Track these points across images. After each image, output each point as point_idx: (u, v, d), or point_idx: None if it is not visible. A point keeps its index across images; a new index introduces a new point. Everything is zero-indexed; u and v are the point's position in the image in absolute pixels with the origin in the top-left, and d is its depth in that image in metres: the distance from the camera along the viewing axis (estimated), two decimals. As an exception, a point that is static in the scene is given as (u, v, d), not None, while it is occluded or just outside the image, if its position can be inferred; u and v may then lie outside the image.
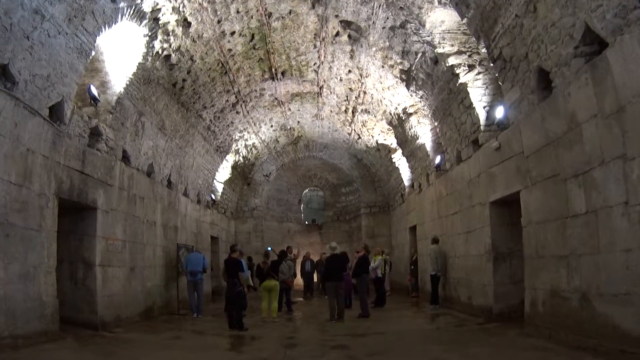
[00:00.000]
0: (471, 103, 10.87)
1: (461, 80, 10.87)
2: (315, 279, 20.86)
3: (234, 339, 10.05)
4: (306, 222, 27.87)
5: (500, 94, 10.20)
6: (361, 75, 14.78)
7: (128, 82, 10.68)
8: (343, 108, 17.97)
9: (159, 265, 13.45)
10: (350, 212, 26.12)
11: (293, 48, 13.75)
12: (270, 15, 11.85)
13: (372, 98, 16.13)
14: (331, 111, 18.63)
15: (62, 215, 9.50)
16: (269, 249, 17.01)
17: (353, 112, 17.99)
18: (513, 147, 9.07)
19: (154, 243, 13.20)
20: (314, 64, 14.79)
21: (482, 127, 10.77)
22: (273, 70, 14.87)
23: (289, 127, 20.79)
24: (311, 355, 7.99)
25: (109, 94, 10.56)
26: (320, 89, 16.58)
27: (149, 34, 10.24)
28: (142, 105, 11.71)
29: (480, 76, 10.74)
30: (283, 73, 15.27)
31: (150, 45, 10.60)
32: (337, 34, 12.74)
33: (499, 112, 10.41)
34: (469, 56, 10.68)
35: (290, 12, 11.85)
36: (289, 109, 18.50)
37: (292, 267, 15.39)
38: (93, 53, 9.05)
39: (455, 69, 10.86)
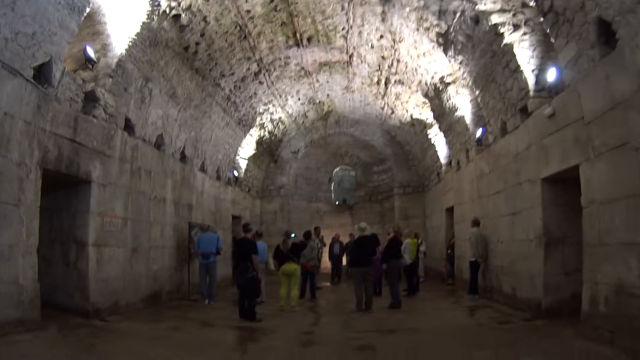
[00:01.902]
0: (518, 66, 9.53)
1: (506, 40, 9.52)
2: (344, 263, 19.58)
3: (242, 332, 8.96)
4: (336, 202, 26.82)
5: (550, 57, 9.01)
6: (394, 41, 13.36)
7: (131, 44, 9.65)
8: (375, 79, 16.57)
9: (168, 246, 12.43)
10: (383, 192, 24.90)
11: (319, 10, 12.37)
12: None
13: (406, 67, 14.71)
14: (362, 83, 17.23)
15: (54, 190, 8.98)
16: (293, 235, 15.68)
17: (386, 84, 16.59)
18: (570, 113, 7.73)
19: (163, 222, 12.17)
20: (342, 29, 13.39)
21: (531, 93, 9.41)
22: (298, 35, 13.52)
23: (317, 101, 19.48)
24: (330, 359, 6.79)
25: (109, 56, 9.55)
26: (349, 57, 15.18)
27: (153, -11, 9.13)
28: (148, 70, 10.66)
29: (527, 37, 9.38)
30: (309, 39, 13.91)
31: (156, 3, 9.51)
32: (367, -9, 11.34)
33: (551, 75, 9.04)
34: (513, 15, 9.30)
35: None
36: (317, 81, 17.15)
37: (315, 249, 14.16)
38: (87, 9, 8.19)
39: (499, 28, 9.51)
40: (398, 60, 14.47)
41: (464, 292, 13.20)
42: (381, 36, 13.38)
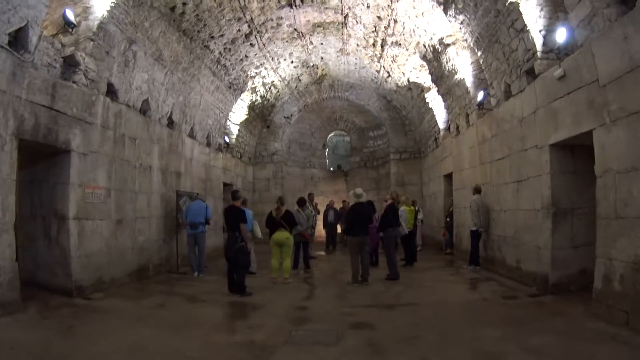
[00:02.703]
0: (524, 25, 8.92)
1: (512, -3, 8.88)
2: (339, 230, 19.19)
3: (231, 308, 8.54)
4: (331, 169, 26.31)
5: (558, 17, 8.47)
6: (391, 0, 12.65)
7: (113, 4, 9.00)
8: (371, 41, 15.89)
9: (155, 217, 11.91)
10: (379, 158, 24.42)
11: (312, -34, 11.69)
12: None
13: (403, 27, 14.04)
14: (358, 45, 16.54)
15: (34, 162, 8.63)
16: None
17: (382, 46, 15.91)
18: (583, 75, 7.17)
19: (149, 191, 11.63)
20: (337, -14, 12.71)
21: (538, 54, 8.84)
22: (290, -7, 12.84)
23: (311, 64, 18.77)
24: (323, 338, 6.34)
25: (90, 19, 8.91)
26: (344, 17, 14.49)
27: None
28: (132, 32, 10.02)
29: (533, -4, 8.77)
30: (302, -2, 13.21)
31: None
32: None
33: (561, 36, 8.42)
34: (520, -29, 8.72)
35: None
36: (311, 43, 16.44)
37: (311, 217, 13.69)
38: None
39: (504, -16, 8.88)
40: (395, 21, 13.80)
41: (463, 263, 12.83)
42: (378, -6, 12.72)
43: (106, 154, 9.64)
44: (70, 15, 8.54)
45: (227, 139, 18.67)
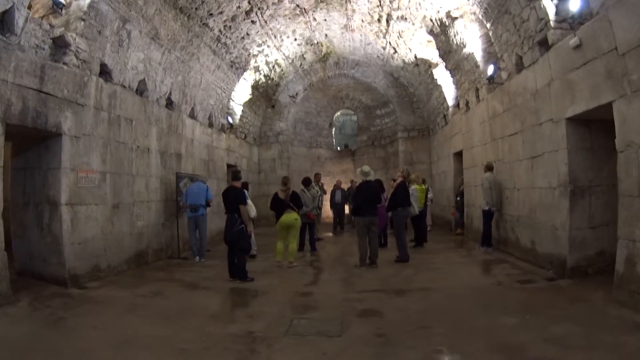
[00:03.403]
0: (536, -7, 8.37)
1: (522, -36, 8.36)
2: (346, 211, 18.68)
3: (231, 295, 8.21)
4: (338, 148, 25.95)
5: None
6: (396, -29, 12.16)
7: (104, -18, 8.53)
8: (376, 16, 15.35)
9: (154, 200, 11.55)
10: (386, 136, 23.92)
11: None
12: None
13: (409, 1, 13.50)
14: (362, 20, 16.00)
15: (27, 148, 8.39)
16: None
17: (387, 21, 15.36)
18: (600, 44, 6.69)
19: (148, 174, 11.26)
20: (340, -43, 12.19)
21: (551, 23, 8.30)
22: (291, -34, 12.33)
23: (315, 42, 18.24)
24: (327, 327, 5.96)
25: None
26: (348, -9, 13.93)
27: None
28: (125, 10, 9.56)
29: (545, -37, 8.24)
30: (304, -28, 12.71)
31: None
32: None
33: (574, 4, 7.89)
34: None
35: None
36: (314, 19, 15.92)
37: (317, 197, 13.29)
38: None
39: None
40: (401, -7, 13.25)
41: (474, 243, 12.44)
42: (383, -35, 12.20)
43: (100, 136, 9.26)
44: (59, -6, 8.16)
45: (230, 120, 18.21)
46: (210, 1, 11.98)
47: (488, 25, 10.83)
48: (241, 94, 18.43)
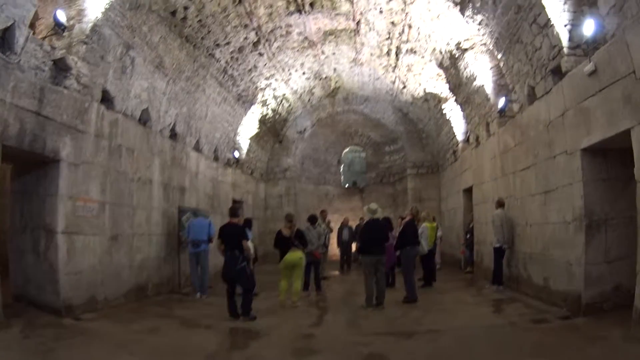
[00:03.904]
0: (548, 20, 8.16)
1: (533, -9, 8.16)
2: (353, 249, 18.24)
3: (230, 335, 7.82)
4: (346, 185, 25.62)
5: (582, 11, 7.70)
6: (405, 3, 12.07)
7: (108, 6, 8.49)
8: (385, 49, 15.24)
9: (155, 234, 11.26)
10: (395, 173, 23.69)
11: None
12: None
13: (418, 33, 13.37)
14: (371, 54, 15.89)
15: (26, 172, 8.29)
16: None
17: (397, 54, 15.25)
18: (617, 68, 6.44)
19: (149, 206, 11.00)
20: (347, -10, 12.09)
21: (565, 50, 8.04)
22: (299, -1, 12.22)
23: (324, 76, 18.14)
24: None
25: (84, 22, 8.43)
26: (357, 24, 13.86)
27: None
28: (129, 36, 9.49)
29: (557, -11, 8.06)
30: (311, 4, 12.62)
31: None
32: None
33: (588, 28, 7.56)
34: (541, -38, 8.03)
35: None
36: (323, 52, 15.83)
37: (322, 235, 12.88)
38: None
39: (525, -23, 8.19)
40: (410, 26, 13.16)
41: (485, 282, 11.98)
42: (391, -2, 12.09)
43: (100, 165, 9.07)
44: (61, 16, 8.14)
45: (236, 154, 17.99)
46: (216, 31, 11.91)
47: (499, 55, 10.64)
48: (248, 128, 18.27)
